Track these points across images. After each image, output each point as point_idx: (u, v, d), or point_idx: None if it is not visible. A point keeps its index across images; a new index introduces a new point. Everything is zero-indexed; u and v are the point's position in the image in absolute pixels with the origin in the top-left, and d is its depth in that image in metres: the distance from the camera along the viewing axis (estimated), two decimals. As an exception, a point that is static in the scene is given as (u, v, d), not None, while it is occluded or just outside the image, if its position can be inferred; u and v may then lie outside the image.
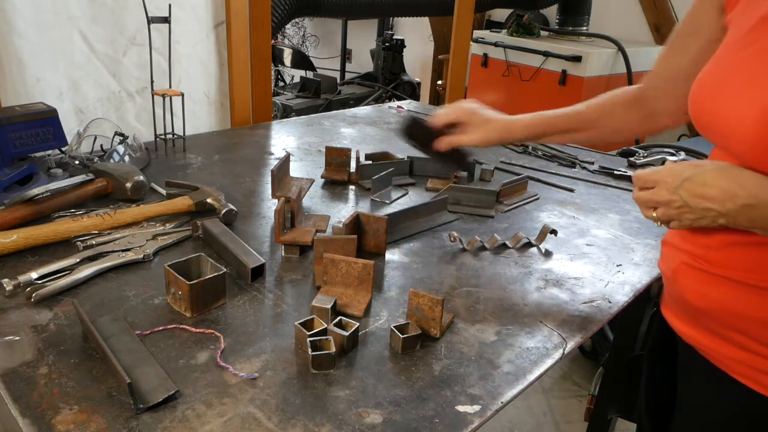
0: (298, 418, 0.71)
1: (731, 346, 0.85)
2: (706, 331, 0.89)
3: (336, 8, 3.50)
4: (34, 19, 1.46)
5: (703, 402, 0.94)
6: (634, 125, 1.10)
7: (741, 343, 0.83)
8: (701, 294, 0.86)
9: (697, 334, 0.91)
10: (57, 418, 0.68)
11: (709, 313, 0.86)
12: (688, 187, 0.77)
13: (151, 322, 0.88)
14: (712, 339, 0.88)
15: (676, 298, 0.94)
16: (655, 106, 1.06)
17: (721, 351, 0.87)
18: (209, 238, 1.11)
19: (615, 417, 1.61)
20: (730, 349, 0.85)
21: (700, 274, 0.86)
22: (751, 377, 0.84)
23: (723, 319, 0.85)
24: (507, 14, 4.72)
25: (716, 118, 0.81)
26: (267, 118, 2.07)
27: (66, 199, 1.19)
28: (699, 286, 0.86)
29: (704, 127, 0.84)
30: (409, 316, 0.90)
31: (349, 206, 1.35)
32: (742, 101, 0.76)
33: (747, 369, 0.84)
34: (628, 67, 3.29)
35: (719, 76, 0.82)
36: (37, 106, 1.30)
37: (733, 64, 0.80)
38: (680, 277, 0.90)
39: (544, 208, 1.42)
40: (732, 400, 0.88)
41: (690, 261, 0.87)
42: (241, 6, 1.86)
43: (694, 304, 0.88)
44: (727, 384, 0.86)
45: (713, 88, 0.82)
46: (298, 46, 6.44)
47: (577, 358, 2.61)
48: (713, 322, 0.87)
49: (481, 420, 0.74)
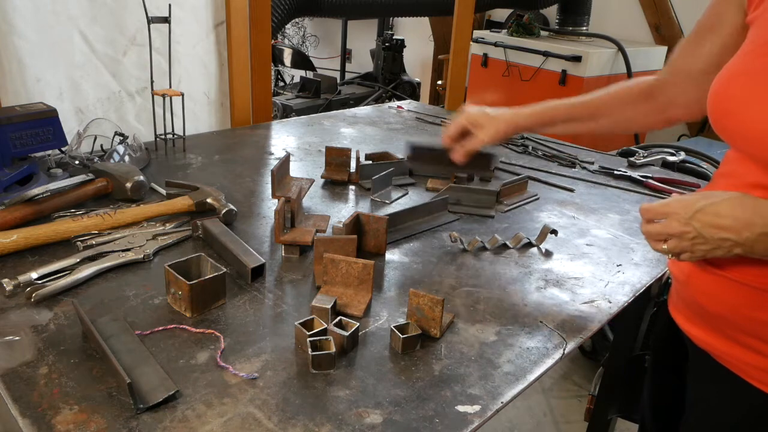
0: (298, 418, 0.71)
1: (745, 349, 0.84)
2: (720, 334, 0.88)
3: (336, 8, 3.51)
4: (34, 19, 1.46)
5: (715, 405, 0.93)
6: (646, 116, 1.08)
7: (754, 346, 0.83)
8: (715, 298, 0.86)
9: (710, 337, 0.90)
10: (57, 418, 0.68)
11: (723, 317, 0.86)
12: (702, 219, 0.77)
13: (151, 322, 0.88)
14: (726, 342, 0.87)
15: (689, 302, 0.93)
16: (669, 97, 1.05)
17: (735, 354, 0.86)
18: (209, 238, 1.11)
19: (615, 417, 1.61)
20: (743, 352, 0.85)
21: (713, 278, 0.85)
22: (764, 381, 0.83)
23: (736, 322, 0.84)
24: (507, 14, 4.72)
25: (737, 120, 0.80)
26: (267, 118, 2.07)
27: (66, 199, 1.19)
28: (713, 290, 0.86)
29: (724, 129, 0.83)
30: (409, 316, 0.90)
31: (349, 206, 1.35)
32: (758, 102, 0.75)
33: (760, 373, 0.84)
34: (628, 67, 3.29)
35: (743, 79, 0.80)
36: (37, 106, 1.30)
37: (757, 67, 0.79)
38: (694, 281, 0.90)
39: (544, 208, 1.42)
40: (746, 404, 0.87)
41: (703, 265, 0.86)
42: (241, 6, 1.86)
43: (707, 308, 0.88)
44: (740, 387, 0.86)
45: (737, 90, 0.81)
46: (298, 46, 6.44)
47: (577, 358, 2.61)
48: (727, 326, 0.86)
49: (481, 420, 0.74)
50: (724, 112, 0.82)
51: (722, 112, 0.83)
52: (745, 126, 0.79)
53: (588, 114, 1.12)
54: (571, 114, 1.13)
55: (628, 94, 1.09)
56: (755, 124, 0.77)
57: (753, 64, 0.80)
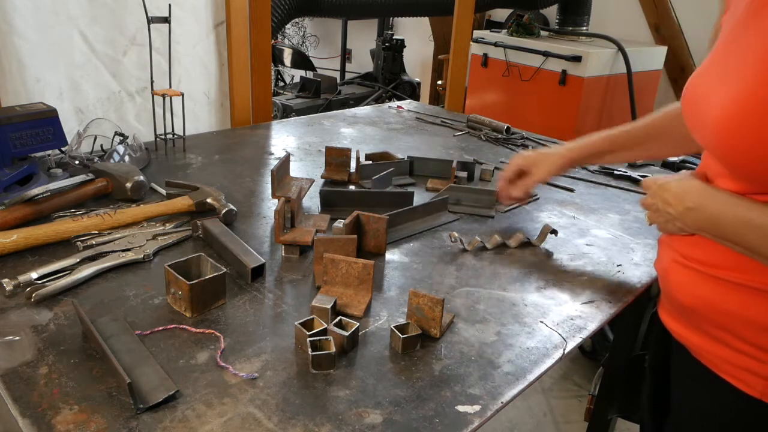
0: (298, 418, 0.71)
1: (718, 344, 0.86)
2: (696, 329, 0.90)
3: (336, 8, 3.50)
4: (34, 19, 1.46)
5: (694, 401, 0.95)
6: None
7: (727, 341, 0.84)
8: (689, 292, 0.88)
9: (688, 332, 0.92)
10: (57, 418, 0.68)
11: (698, 311, 0.88)
12: (659, 193, 0.89)
13: (151, 322, 0.88)
14: (701, 338, 0.89)
15: (668, 297, 0.95)
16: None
17: (710, 349, 0.88)
18: (209, 238, 1.11)
19: (615, 417, 1.61)
20: (717, 347, 0.86)
21: (688, 272, 0.87)
22: (737, 376, 0.84)
23: (710, 317, 0.86)
24: (507, 14, 4.72)
25: (695, 112, 0.85)
26: (267, 118, 2.07)
27: (66, 199, 1.19)
28: (687, 284, 0.88)
29: (687, 122, 0.88)
30: (409, 316, 0.90)
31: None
32: (714, 93, 0.80)
33: (733, 368, 0.85)
34: (628, 67, 3.29)
35: (700, 72, 0.86)
36: (37, 106, 1.30)
37: (712, 60, 0.84)
38: (670, 275, 0.92)
39: (544, 208, 1.42)
40: (720, 400, 0.89)
41: (679, 259, 0.89)
42: (241, 6, 1.86)
43: (683, 302, 0.90)
44: (715, 383, 0.87)
45: (695, 84, 0.86)
46: (298, 46, 6.44)
47: (577, 358, 2.61)
48: (702, 321, 0.88)
49: (481, 420, 0.74)
50: (684, 106, 0.88)
51: (684, 106, 0.88)
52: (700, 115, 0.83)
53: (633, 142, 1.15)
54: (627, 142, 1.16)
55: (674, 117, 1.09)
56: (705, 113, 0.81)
57: (710, 58, 0.85)
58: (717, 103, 0.78)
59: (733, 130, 0.75)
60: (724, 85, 0.78)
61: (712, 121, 0.78)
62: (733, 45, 0.81)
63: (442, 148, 1.82)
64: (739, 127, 0.74)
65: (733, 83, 0.76)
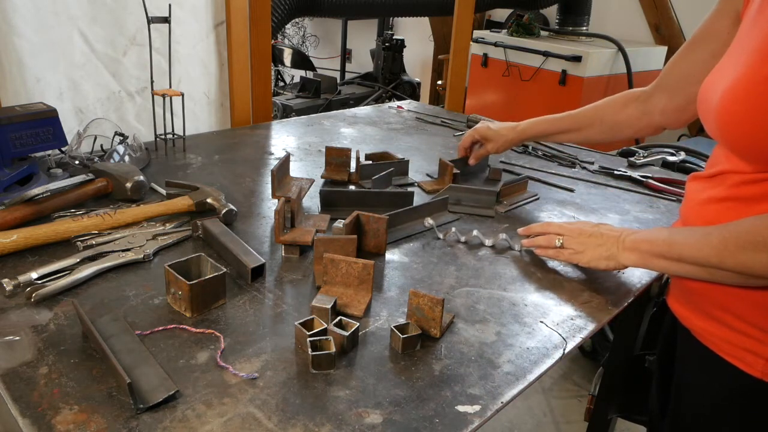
0: (298, 418, 0.71)
1: (720, 325, 0.88)
2: (699, 311, 0.92)
3: (336, 8, 3.51)
4: (34, 19, 1.46)
5: (694, 380, 0.97)
6: (631, 120, 1.22)
7: (729, 322, 0.86)
8: None
9: (692, 315, 0.94)
10: (57, 418, 0.68)
11: (699, 292, 0.90)
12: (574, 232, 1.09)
13: (151, 322, 0.88)
14: (704, 319, 0.91)
15: (675, 280, 0.99)
16: (655, 103, 1.15)
17: (712, 331, 0.90)
18: (209, 238, 1.11)
19: (615, 417, 1.61)
20: (719, 328, 0.88)
21: None
22: (737, 356, 0.86)
23: (711, 297, 0.88)
24: (507, 14, 4.72)
25: (705, 106, 0.87)
26: (267, 118, 2.07)
27: (66, 199, 1.19)
28: None
29: (701, 117, 0.90)
30: (409, 316, 0.90)
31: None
32: (719, 84, 0.83)
33: (734, 348, 0.86)
34: (628, 67, 3.29)
35: (713, 71, 0.89)
36: (37, 106, 1.30)
37: (723, 60, 0.88)
38: None
39: (544, 208, 1.42)
40: (722, 382, 0.90)
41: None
42: (241, 6, 1.86)
43: (686, 283, 0.92)
44: (716, 364, 0.89)
45: (707, 81, 0.89)
46: (298, 46, 6.44)
47: (577, 358, 2.61)
48: (705, 302, 0.90)
49: (481, 420, 0.73)
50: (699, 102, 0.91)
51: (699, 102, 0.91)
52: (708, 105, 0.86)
53: (581, 124, 1.31)
54: (558, 127, 1.35)
55: (615, 101, 1.24)
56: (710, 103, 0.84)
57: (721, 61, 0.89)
58: (719, 90, 0.82)
59: (731, 111, 0.79)
60: (728, 76, 0.82)
61: (714, 107, 0.82)
62: (740, 42, 0.85)
63: (442, 148, 1.82)
64: (735, 106, 0.78)
65: (734, 70, 0.80)
